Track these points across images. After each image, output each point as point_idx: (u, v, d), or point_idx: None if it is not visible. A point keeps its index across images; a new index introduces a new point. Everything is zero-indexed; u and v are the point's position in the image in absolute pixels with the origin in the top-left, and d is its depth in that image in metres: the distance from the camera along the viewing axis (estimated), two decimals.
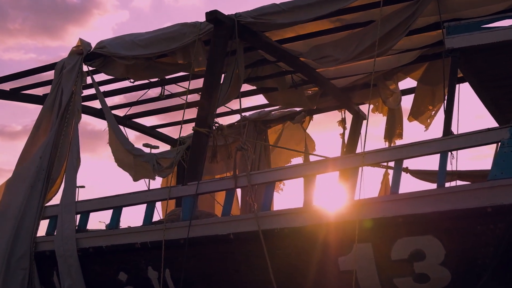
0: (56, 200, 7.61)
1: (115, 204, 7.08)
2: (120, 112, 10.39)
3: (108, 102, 8.32)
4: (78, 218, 7.27)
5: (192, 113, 9.29)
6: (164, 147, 11.16)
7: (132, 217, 10.03)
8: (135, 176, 7.70)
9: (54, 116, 7.82)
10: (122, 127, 9.38)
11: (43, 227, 7.45)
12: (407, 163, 7.71)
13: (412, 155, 5.75)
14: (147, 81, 9.19)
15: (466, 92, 8.44)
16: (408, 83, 9.73)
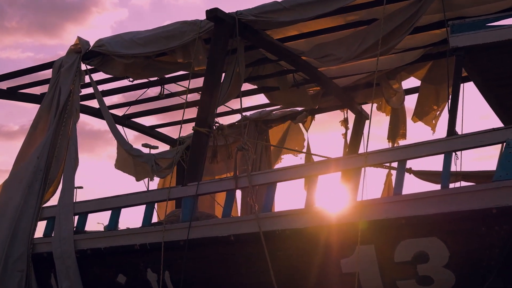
0: (54, 201, 7.63)
1: (114, 205, 7.08)
2: (119, 111, 10.39)
3: (106, 101, 8.33)
4: (76, 219, 7.27)
5: (192, 112, 9.29)
6: (163, 147, 11.18)
7: (131, 218, 10.04)
8: (137, 176, 7.70)
9: (52, 116, 7.82)
10: (121, 127, 9.41)
11: (41, 228, 7.47)
12: (410, 164, 7.70)
13: (416, 156, 5.75)
14: (146, 80, 9.19)
15: (470, 92, 8.45)
16: (411, 83, 9.74)
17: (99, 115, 9.20)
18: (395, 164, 6.01)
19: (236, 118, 10.72)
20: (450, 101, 5.83)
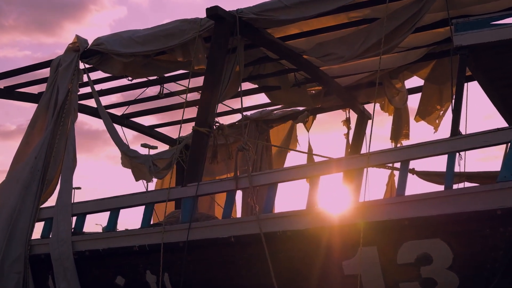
0: (51, 201, 7.63)
1: (113, 206, 7.09)
2: (118, 111, 10.41)
3: (105, 100, 8.36)
4: (74, 220, 7.27)
5: (192, 112, 9.31)
6: (163, 147, 11.19)
7: (130, 219, 10.06)
8: (135, 177, 7.71)
9: (50, 115, 7.83)
10: (119, 127, 9.41)
11: (38, 229, 7.47)
12: (413, 164, 7.71)
13: (419, 156, 5.75)
14: (145, 79, 9.20)
15: (474, 91, 8.45)
16: (414, 82, 9.74)
17: (97, 114, 9.19)
18: (398, 165, 6.01)
19: (236, 117, 10.74)
20: (453, 100, 5.83)
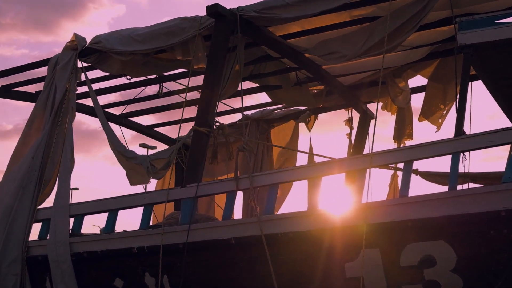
0: (49, 202, 7.64)
1: (111, 207, 7.09)
2: (116, 110, 10.41)
3: (103, 99, 8.37)
4: (72, 221, 7.28)
5: (191, 111, 9.33)
6: (162, 147, 11.19)
7: (128, 220, 10.06)
8: (130, 181, 7.71)
9: (47, 115, 7.84)
10: (118, 127, 9.42)
11: (36, 230, 7.48)
12: (417, 165, 7.69)
13: (423, 156, 5.75)
14: (144, 78, 9.21)
15: (478, 91, 8.46)
16: (418, 81, 9.74)
17: (95, 114, 9.21)
18: (401, 165, 6.02)
19: (237, 117, 10.74)
20: (458, 100, 5.84)
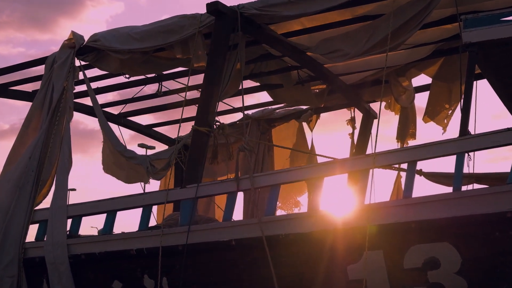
0: (46, 203, 7.64)
1: (109, 208, 7.09)
2: (115, 109, 10.41)
3: (101, 99, 8.37)
4: (69, 222, 7.28)
5: (191, 111, 9.32)
6: (161, 148, 11.19)
7: (127, 222, 10.06)
8: (127, 179, 7.70)
9: (44, 114, 7.84)
10: (116, 126, 9.42)
11: (32, 232, 7.49)
12: (421, 165, 7.71)
13: (427, 157, 5.75)
14: (143, 76, 9.21)
15: (482, 90, 8.45)
16: (422, 80, 9.74)
17: (93, 113, 9.21)
18: (404, 166, 6.02)
19: (237, 117, 10.74)
20: (462, 99, 5.84)
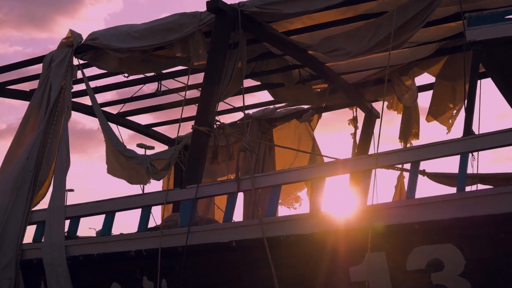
0: (44, 204, 7.64)
1: (108, 208, 7.09)
2: (113, 109, 10.41)
3: (100, 98, 8.36)
4: (67, 223, 7.28)
5: (191, 110, 9.31)
6: (160, 148, 11.19)
7: (125, 223, 10.04)
8: (129, 179, 7.70)
9: (42, 114, 7.84)
10: (115, 126, 9.42)
11: (30, 233, 7.48)
12: (424, 165, 7.69)
13: (430, 157, 5.74)
14: (142, 75, 9.21)
15: (486, 89, 8.45)
16: (425, 79, 9.73)
17: (91, 113, 9.22)
18: (407, 166, 6.01)
19: (238, 116, 10.74)
20: (466, 98, 5.83)
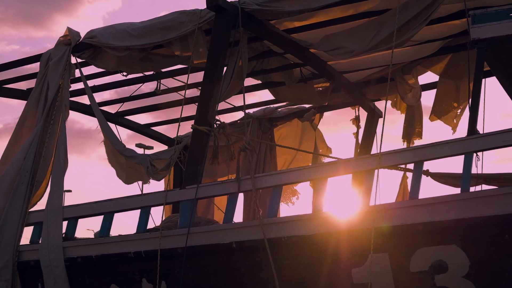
0: (41, 205, 7.64)
1: (106, 209, 7.10)
2: (112, 108, 10.42)
3: (98, 97, 8.37)
4: (65, 225, 7.28)
5: (191, 109, 9.31)
6: (159, 147, 11.20)
7: (124, 224, 10.03)
8: (126, 179, 7.70)
9: (39, 113, 7.84)
10: (113, 125, 9.42)
11: (27, 234, 7.48)
12: (427, 165, 7.70)
13: (434, 157, 5.74)
14: (141, 74, 9.20)
15: (491, 88, 8.45)
16: (428, 78, 9.75)
17: (90, 112, 9.22)
18: (411, 166, 6.01)
19: (238, 115, 10.75)
20: (470, 97, 5.83)
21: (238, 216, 9.89)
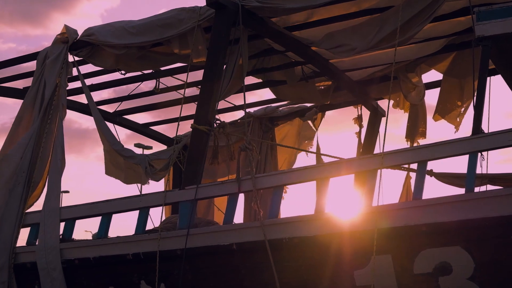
0: (38, 206, 7.65)
1: (104, 210, 7.10)
2: (110, 107, 10.42)
3: (96, 96, 8.37)
4: (62, 226, 7.28)
5: (190, 108, 9.32)
6: (158, 147, 11.20)
7: (123, 225, 10.03)
8: (126, 180, 7.69)
9: (36, 112, 7.84)
10: (111, 125, 9.43)
11: (24, 236, 7.49)
12: (431, 165, 7.70)
13: (438, 156, 5.74)
14: (140, 73, 9.20)
15: (496, 86, 8.45)
16: (432, 76, 9.74)
17: (87, 111, 9.21)
18: (414, 166, 6.01)
19: (238, 115, 10.74)
20: (475, 96, 5.82)
21: (239, 217, 9.91)
